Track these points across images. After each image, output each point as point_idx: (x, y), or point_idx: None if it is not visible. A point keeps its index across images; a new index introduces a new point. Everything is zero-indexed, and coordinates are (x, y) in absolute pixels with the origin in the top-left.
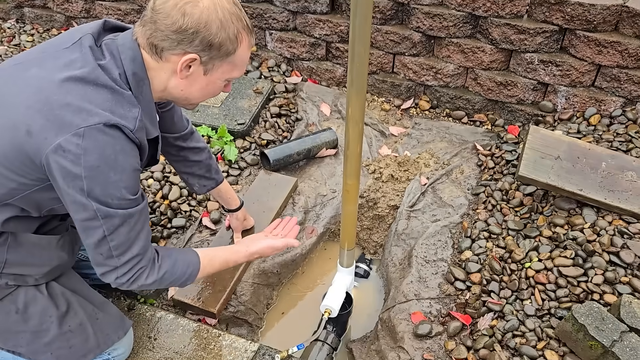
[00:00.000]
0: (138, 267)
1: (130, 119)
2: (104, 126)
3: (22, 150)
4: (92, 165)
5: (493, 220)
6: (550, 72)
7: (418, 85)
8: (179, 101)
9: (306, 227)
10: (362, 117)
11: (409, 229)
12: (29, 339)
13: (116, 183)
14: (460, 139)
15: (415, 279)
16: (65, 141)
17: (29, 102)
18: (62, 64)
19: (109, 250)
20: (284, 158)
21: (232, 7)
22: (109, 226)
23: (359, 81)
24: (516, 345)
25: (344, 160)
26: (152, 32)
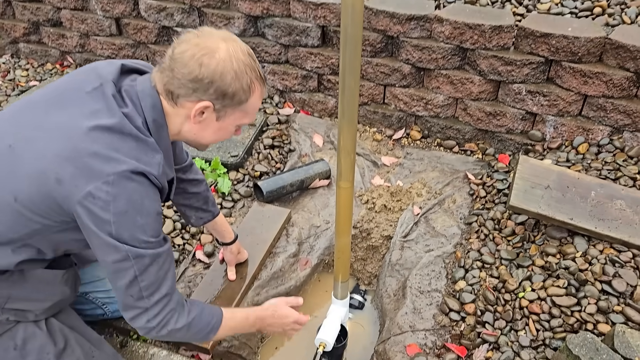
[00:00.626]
0: (168, 308)
1: (154, 165)
2: (131, 173)
3: (51, 196)
4: (120, 210)
5: (486, 249)
6: (537, 102)
7: (409, 115)
8: (190, 143)
9: (300, 258)
10: (353, 148)
11: (403, 259)
12: None
13: (143, 226)
14: (451, 168)
15: (409, 310)
16: (96, 188)
17: (57, 151)
18: (87, 112)
19: (140, 291)
20: (277, 190)
21: (247, 58)
22: (140, 266)
23: (350, 112)
24: None
25: (337, 191)
26: (169, 79)
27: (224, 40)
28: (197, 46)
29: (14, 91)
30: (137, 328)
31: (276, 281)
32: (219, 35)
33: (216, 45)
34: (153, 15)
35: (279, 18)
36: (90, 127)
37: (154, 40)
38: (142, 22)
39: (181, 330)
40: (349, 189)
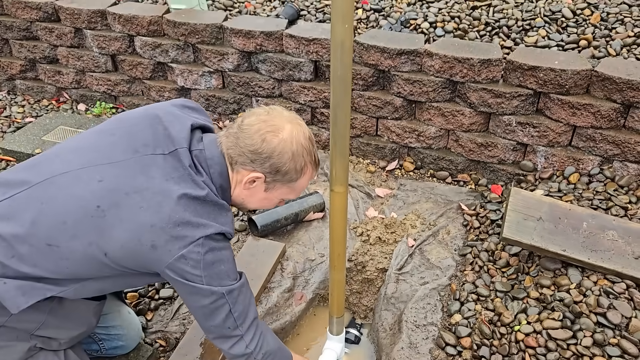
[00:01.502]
0: (259, 331)
1: (229, 223)
2: (215, 234)
3: (143, 258)
4: (208, 264)
5: (481, 281)
6: (528, 133)
7: (402, 147)
8: (236, 205)
9: (295, 293)
10: (346, 179)
11: (398, 292)
12: None
13: (227, 272)
14: (445, 199)
15: (406, 345)
16: (188, 252)
17: (152, 221)
18: (170, 178)
19: (234, 321)
20: (271, 223)
21: (307, 142)
22: (232, 300)
23: (342, 145)
24: None
25: (330, 225)
26: (232, 145)
27: (290, 122)
28: (264, 122)
29: (10, 127)
30: (236, 356)
31: (271, 317)
32: (286, 117)
33: (282, 125)
34: (148, 52)
35: (272, 53)
36: (179, 196)
37: (149, 76)
38: (138, 59)
39: (272, 354)
40: (343, 220)
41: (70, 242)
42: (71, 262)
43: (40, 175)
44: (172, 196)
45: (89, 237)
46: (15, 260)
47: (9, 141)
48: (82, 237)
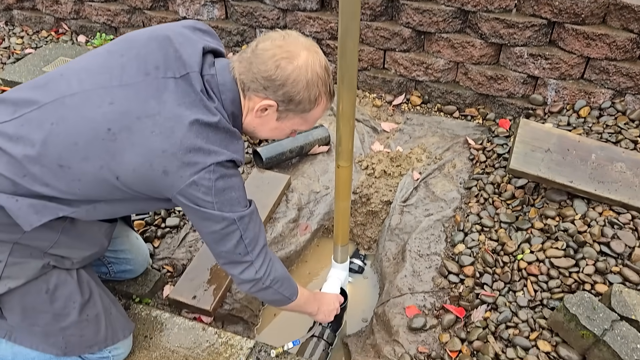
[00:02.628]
0: (268, 257)
1: (240, 151)
2: (226, 162)
3: (154, 183)
4: (219, 191)
5: (485, 213)
6: (539, 65)
7: (409, 80)
8: (247, 133)
9: (300, 223)
10: (353, 113)
11: (402, 223)
12: (48, 320)
13: (238, 199)
14: (452, 134)
15: (409, 273)
16: (200, 178)
17: (164, 147)
18: (182, 104)
19: (245, 247)
20: (276, 156)
21: (322, 71)
22: (243, 226)
23: (349, 77)
24: (509, 336)
25: (336, 157)
26: (245, 70)
27: (306, 49)
28: (279, 48)
29: (10, 59)
30: (245, 281)
31: (276, 246)
32: (302, 43)
33: (297, 52)
34: None
35: None
36: (191, 122)
37: (149, 6)
38: None
39: (279, 281)
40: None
41: (82, 164)
42: (83, 183)
43: (49, 95)
44: (184, 122)
45: (100, 160)
46: (27, 179)
47: (9, 72)
48: (93, 160)
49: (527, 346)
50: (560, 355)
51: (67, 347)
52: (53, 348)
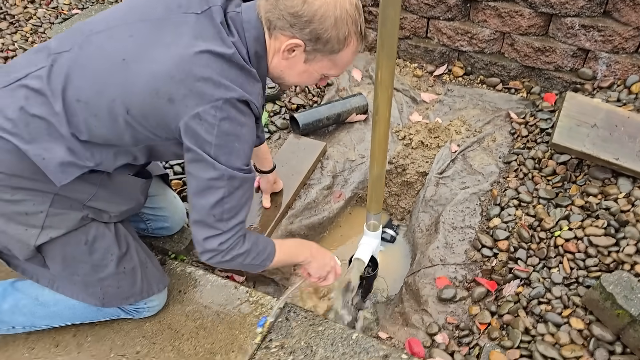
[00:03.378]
0: (239, 234)
1: (255, 94)
2: (237, 101)
3: (161, 113)
4: (222, 133)
5: (524, 188)
6: (591, 37)
7: (452, 50)
8: (275, 79)
9: (334, 191)
10: (391, 82)
11: (437, 195)
12: (88, 270)
13: (239, 152)
14: (493, 107)
15: (441, 244)
16: (204, 111)
17: (171, 73)
18: (198, 35)
19: (222, 212)
20: (313, 122)
21: (352, 9)
22: (230, 188)
23: (389, 45)
24: (541, 312)
25: (373, 125)
26: (271, 7)
27: None
28: None
29: (57, 19)
30: (205, 250)
31: (309, 211)
32: None
33: None
34: None
35: None
36: (202, 50)
37: None
38: None
39: (242, 255)
40: (385, 121)
41: (97, 98)
42: (98, 120)
43: (79, 38)
44: (195, 50)
45: (113, 92)
46: (56, 119)
47: (57, 31)
48: (107, 92)
49: (559, 322)
50: (594, 333)
51: (105, 298)
52: (92, 298)
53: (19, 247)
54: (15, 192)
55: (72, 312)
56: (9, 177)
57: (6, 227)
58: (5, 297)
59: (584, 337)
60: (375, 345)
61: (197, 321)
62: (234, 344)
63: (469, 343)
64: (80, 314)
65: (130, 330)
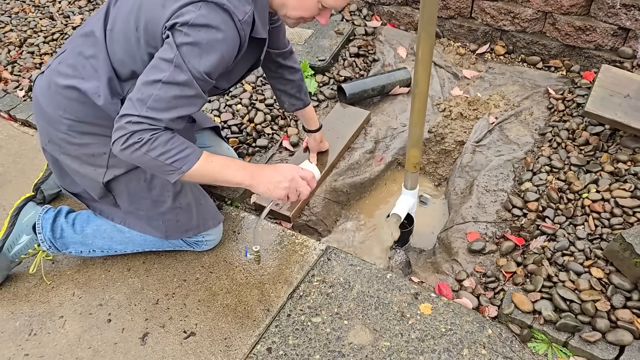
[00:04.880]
0: (154, 126)
1: (241, 11)
2: (217, 6)
3: (157, 21)
4: (194, 28)
5: (556, 156)
6: (632, 16)
7: (495, 30)
8: (277, 9)
9: (375, 155)
10: (430, 58)
11: (473, 162)
12: (149, 205)
13: (201, 55)
14: (533, 84)
15: (474, 204)
16: (185, 9)
17: None
18: None
19: (149, 96)
20: (359, 92)
21: None
22: (172, 76)
23: (429, 24)
24: (564, 262)
25: (412, 97)
26: None
27: None
28: None
29: None
30: (116, 128)
31: (352, 172)
32: None
33: None
34: None
35: None
36: None
37: None
38: None
39: (148, 144)
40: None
41: (118, 23)
42: (118, 44)
43: None
44: None
45: (126, 11)
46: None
47: None
48: (122, 14)
49: (580, 271)
50: (612, 282)
51: (168, 230)
52: (157, 231)
53: (92, 186)
54: (83, 137)
55: (144, 239)
56: (78, 124)
57: (80, 168)
58: (89, 222)
59: (603, 285)
60: (407, 284)
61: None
62: (281, 276)
63: (495, 288)
64: (150, 240)
65: (191, 260)
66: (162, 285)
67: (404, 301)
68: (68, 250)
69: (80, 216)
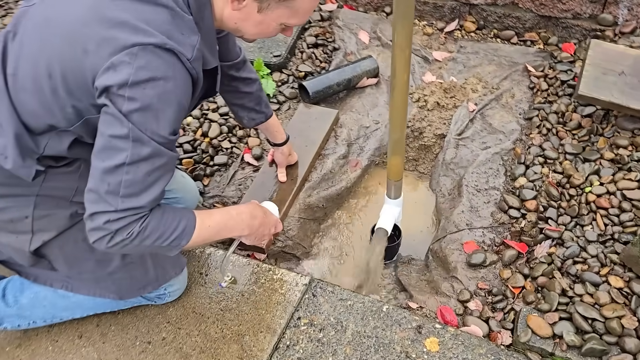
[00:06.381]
0: (136, 217)
1: (188, 46)
2: (158, 48)
3: (78, 70)
4: (138, 86)
5: (548, 144)
6: None
7: (462, 5)
8: (234, 32)
9: (350, 160)
10: (409, 43)
11: (458, 157)
12: (93, 266)
13: (157, 113)
14: (509, 61)
15: (466, 208)
16: (118, 60)
17: (85, 18)
18: None
19: (119, 184)
20: (323, 90)
21: None
22: (135, 153)
23: (406, 3)
24: (577, 272)
25: (391, 90)
26: None
27: None
28: None
29: None
30: (91, 228)
31: (327, 183)
32: None
33: None
34: None
35: None
36: None
37: None
38: None
39: (138, 238)
40: (404, 85)
41: (22, 67)
42: (27, 94)
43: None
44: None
45: (34, 54)
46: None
47: None
48: (29, 57)
49: (598, 282)
50: (634, 291)
51: (121, 290)
52: (108, 292)
53: (18, 255)
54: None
55: (94, 302)
56: None
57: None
58: (23, 291)
59: (625, 296)
60: (407, 316)
61: (221, 303)
62: (262, 324)
63: (504, 308)
64: (102, 303)
65: (154, 316)
66: (122, 353)
67: (406, 338)
68: (3, 326)
69: (12, 284)
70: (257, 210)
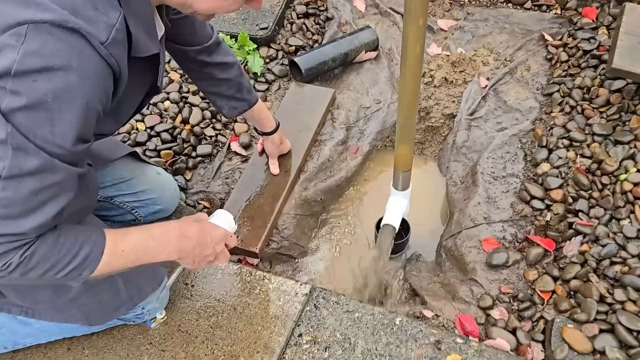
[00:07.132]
0: (9, 247)
1: (103, 25)
2: (57, 28)
3: None
4: (24, 77)
5: (573, 124)
6: None
7: None
8: (182, 8)
9: (349, 145)
10: (425, 9)
11: (470, 140)
12: (51, 294)
13: (52, 114)
14: (523, 29)
15: (482, 199)
16: (4, 39)
17: None
18: None
19: None
20: (317, 66)
21: None
22: (14, 165)
23: None
24: (616, 274)
25: (401, 65)
26: None
27: None
28: None
29: None
30: None
31: (325, 173)
32: None
33: None
34: None
35: None
36: None
37: None
38: None
39: (21, 267)
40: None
41: None
42: None
43: None
44: None
45: None
46: None
47: None
48: None
49: None
50: None
51: (89, 316)
52: (74, 319)
53: None
54: None
55: (59, 327)
56: None
57: None
58: None
59: None
60: (424, 329)
61: (210, 319)
62: (258, 342)
63: (532, 317)
64: (69, 328)
65: (133, 337)
66: None
67: (424, 356)
68: None
69: None
70: (190, 228)
